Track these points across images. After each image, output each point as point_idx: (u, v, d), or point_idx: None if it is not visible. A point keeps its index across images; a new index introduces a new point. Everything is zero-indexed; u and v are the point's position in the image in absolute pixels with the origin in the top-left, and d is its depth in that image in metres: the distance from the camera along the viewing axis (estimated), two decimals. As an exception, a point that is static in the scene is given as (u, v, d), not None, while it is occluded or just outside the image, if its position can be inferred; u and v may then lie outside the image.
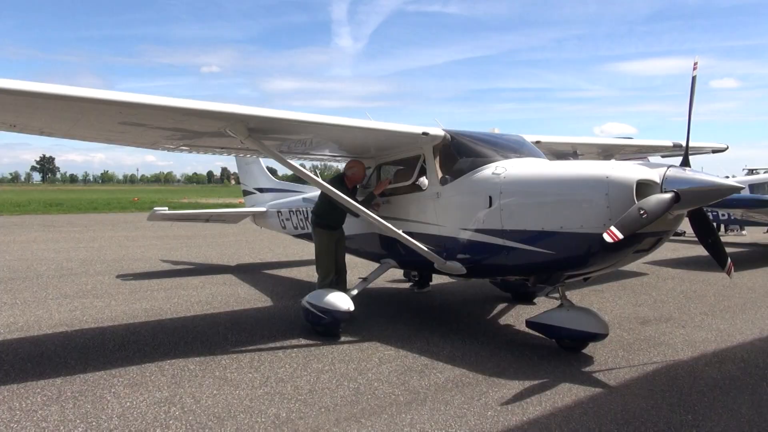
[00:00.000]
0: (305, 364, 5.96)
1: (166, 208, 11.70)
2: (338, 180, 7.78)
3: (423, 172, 7.31)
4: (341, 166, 8.56)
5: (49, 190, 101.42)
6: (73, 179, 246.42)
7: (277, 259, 14.70)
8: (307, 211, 10.31)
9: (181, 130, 6.13)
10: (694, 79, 5.78)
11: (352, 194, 7.63)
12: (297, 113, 6.13)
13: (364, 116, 7.42)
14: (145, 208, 38.05)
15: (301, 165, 8.41)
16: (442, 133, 7.07)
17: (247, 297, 9.63)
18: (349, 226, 8.04)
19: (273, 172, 15.37)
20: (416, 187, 7.47)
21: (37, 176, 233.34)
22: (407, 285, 10.54)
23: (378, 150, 7.91)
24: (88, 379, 5.52)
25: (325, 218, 7.84)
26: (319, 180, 7.09)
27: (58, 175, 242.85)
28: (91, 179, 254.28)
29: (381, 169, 8.15)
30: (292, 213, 11.07)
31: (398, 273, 11.06)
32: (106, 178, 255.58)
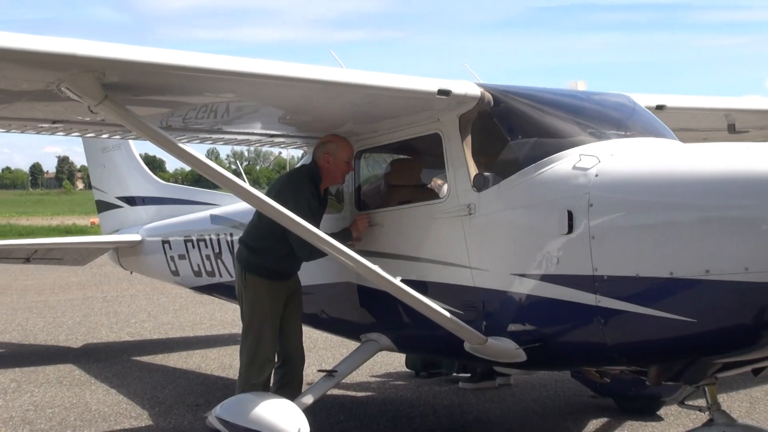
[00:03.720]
0: None
1: (-49, 238, 11.65)
2: (303, 176, 7.80)
3: (441, 165, 7.32)
4: (289, 154, 8.49)
5: None
6: None
7: (164, 334, 14.80)
8: (219, 241, 10.33)
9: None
10: None
11: (322, 203, 7.78)
12: (197, 54, 6.04)
13: (329, 60, 7.39)
14: None
15: (210, 154, 8.25)
16: (477, 91, 7.07)
17: (102, 410, 9.61)
18: (303, 270, 8.00)
19: (157, 165, 15.33)
20: (428, 196, 7.63)
21: None
22: (414, 378, 10.62)
23: (356, 124, 7.92)
24: None
25: (268, 255, 7.74)
26: (243, 184, 6.89)
27: None
28: None
29: (363, 158, 8.30)
30: (190, 244, 11.07)
31: (396, 359, 10.94)
32: None
